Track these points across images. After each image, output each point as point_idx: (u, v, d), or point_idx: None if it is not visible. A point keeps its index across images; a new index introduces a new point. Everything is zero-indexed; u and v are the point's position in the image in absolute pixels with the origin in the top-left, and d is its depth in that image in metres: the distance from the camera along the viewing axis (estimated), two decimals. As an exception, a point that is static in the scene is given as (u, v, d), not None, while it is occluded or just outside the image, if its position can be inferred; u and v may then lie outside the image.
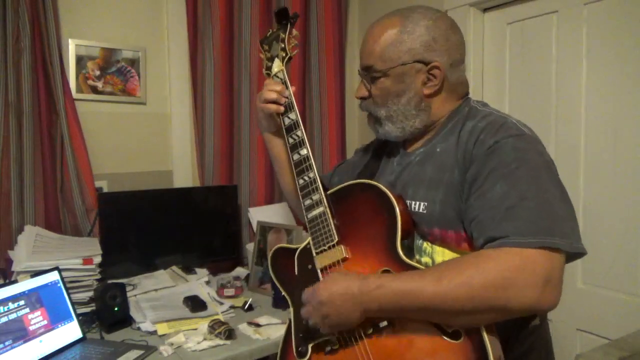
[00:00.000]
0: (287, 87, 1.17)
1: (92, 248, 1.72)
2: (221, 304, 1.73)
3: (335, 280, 0.93)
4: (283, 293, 1.13)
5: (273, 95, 1.16)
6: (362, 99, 1.09)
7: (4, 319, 1.29)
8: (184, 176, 2.19)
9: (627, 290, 1.54)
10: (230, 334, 1.46)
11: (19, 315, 1.32)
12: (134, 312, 1.60)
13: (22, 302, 1.34)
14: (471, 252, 0.90)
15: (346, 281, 0.91)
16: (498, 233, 0.83)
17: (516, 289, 0.79)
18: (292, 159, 1.12)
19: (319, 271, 1.04)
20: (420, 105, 1.03)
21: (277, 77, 1.20)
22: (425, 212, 0.97)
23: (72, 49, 1.91)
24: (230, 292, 1.81)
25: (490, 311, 0.81)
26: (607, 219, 1.58)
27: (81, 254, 1.64)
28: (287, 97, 1.16)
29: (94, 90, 1.97)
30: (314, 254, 1.05)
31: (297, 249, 1.11)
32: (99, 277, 1.67)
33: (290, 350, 1.07)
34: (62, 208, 1.87)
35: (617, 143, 1.56)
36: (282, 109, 1.16)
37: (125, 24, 2.04)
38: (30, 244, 1.64)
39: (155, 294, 1.74)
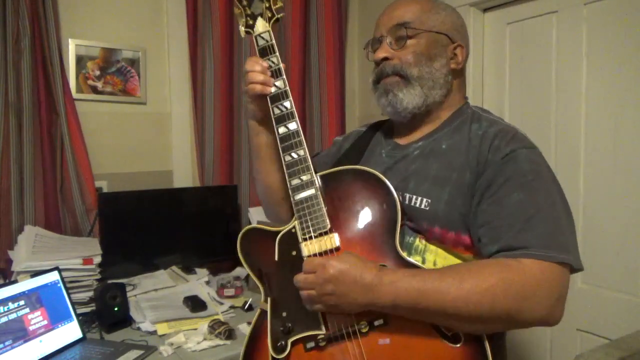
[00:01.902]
0: (274, 51, 1.03)
1: (92, 248, 1.72)
2: (221, 304, 1.73)
3: (351, 261, 0.87)
4: (254, 279, 1.03)
5: (260, 77, 1.01)
6: (384, 59, 1.01)
7: (4, 319, 1.29)
8: (184, 176, 2.19)
9: (627, 290, 1.54)
10: (230, 334, 1.46)
11: (19, 315, 1.32)
12: (134, 312, 1.60)
13: (22, 302, 1.34)
14: (478, 257, 0.89)
15: (362, 266, 0.85)
16: (517, 243, 0.82)
17: (533, 301, 0.80)
18: (278, 131, 1.00)
19: (305, 259, 0.94)
20: (447, 77, 1.01)
21: (262, 37, 1.05)
22: (427, 208, 0.93)
23: (72, 49, 1.91)
24: (230, 292, 1.81)
25: (504, 320, 0.81)
26: (607, 219, 1.58)
27: (81, 254, 1.64)
28: (274, 64, 1.02)
29: (94, 90, 1.97)
30: (300, 240, 0.96)
31: (276, 231, 1.00)
32: (99, 277, 1.67)
33: (259, 347, 0.98)
34: (62, 208, 1.87)
35: (617, 143, 1.56)
36: (268, 90, 1.02)
37: (125, 24, 2.04)
38: (30, 244, 1.64)
39: (155, 294, 1.74)
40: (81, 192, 1.86)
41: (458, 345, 0.83)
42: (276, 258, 0.99)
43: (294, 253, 0.97)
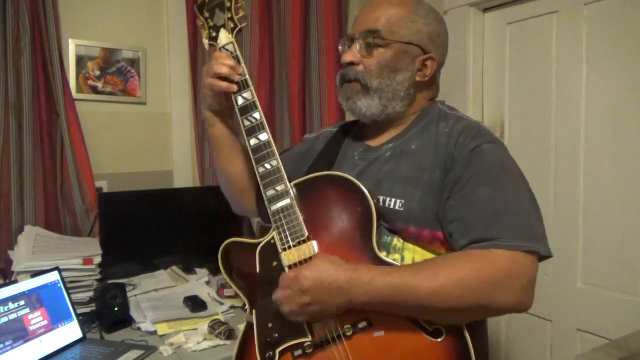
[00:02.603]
0: (239, 62, 1.04)
1: (92, 248, 1.72)
2: (221, 304, 1.73)
3: (321, 267, 0.88)
4: (238, 293, 1.04)
5: (224, 70, 1.01)
6: (350, 64, 1.02)
7: (4, 319, 1.29)
8: (184, 176, 2.19)
9: (627, 290, 1.54)
10: (230, 334, 1.46)
11: (19, 315, 1.32)
12: (134, 312, 1.60)
13: (22, 302, 1.34)
14: (451, 251, 0.92)
15: (334, 270, 0.87)
16: (486, 235, 0.85)
17: (504, 290, 0.82)
18: (249, 143, 1.01)
19: (286, 269, 0.95)
20: (409, 90, 1.02)
21: (226, 49, 1.05)
22: (402, 209, 0.95)
23: (72, 49, 1.91)
24: (230, 292, 1.81)
25: (477, 309, 0.84)
26: (607, 219, 1.58)
27: (81, 254, 1.64)
28: (240, 74, 1.03)
29: (94, 90, 1.97)
30: (280, 250, 0.96)
31: (255, 243, 1.00)
32: (99, 277, 1.67)
33: (247, 357, 0.99)
34: (62, 208, 1.87)
35: (617, 143, 1.56)
36: (234, 87, 1.03)
37: (125, 24, 2.04)
38: (30, 244, 1.64)
39: (155, 294, 1.74)
40: (81, 192, 1.86)
41: (440, 339, 0.85)
42: (257, 270, 0.99)
43: (274, 263, 0.97)
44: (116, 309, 1.54)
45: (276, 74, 2.31)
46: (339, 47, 1.09)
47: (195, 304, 1.65)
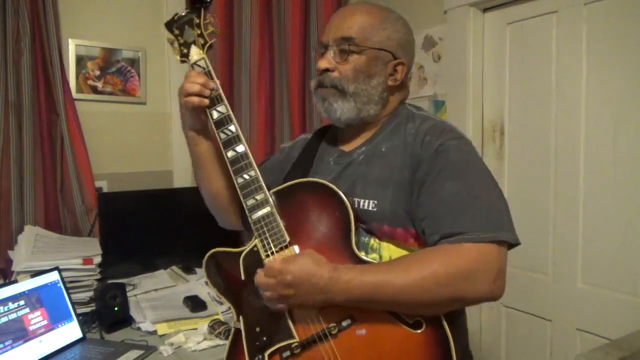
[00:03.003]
0: (212, 78, 1.08)
1: (92, 248, 1.72)
2: (221, 304, 1.72)
3: (305, 265, 0.92)
4: (224, 301, 1.07)
5: (196, 88, 1.05)
6: (326, 70, 1.06)
7: (4, 319, 1.29)
8: (184, 176, 2.19)
9: (627, 290, 1.54)
10: (230, 334, 1.46)
11: (19, 315, 1.32)
12: (134, 312, 1.60)
13: (22, 302, 1.34)
14: (425, 247, 0.95)
15: (317, 269, 0.91)
16: (455, 229, 0.89)
17: (474, 281, 0.87)
18: (227, 155, 1.04)
19: (266, 264, 0.98)
20: (382, 94, 1.07)
21: (198, 65, 1.09)
22: (375, 210, 0.99)
23: (72, 49, 1.91)
24: (230, 292, 1.81)
25: (451, 301, 0.88)
26: (607, 219, 1.58)
27: (81, 254, 1.64)
28: (212, 89, 1.06)
29: (94, 90, 1.97)
30: (263, 257, 1.00)
31: (238, 252, 1.04)
32: (99, 277, 1.67)
33: None
34: (62, 208, 1.87)
35: (617, 143, 1.56)
36: (206, 102, 1.06)
37: (125, 24, 2.04)
38: (30, 244, 1.64)
39: (155, 294, 1.74)
40: (81, 192, 1.86)
41: (420, 331, 0.90)
42: (242, 277, 1.03)
43: (259, 270, 0.99)
44: (116, 309, 1.54)
45: (276, 74, 2.31)
46: (315, 54, 1.11)
47: (195, 304, 1.65)
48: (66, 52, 1.90)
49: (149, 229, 1.93)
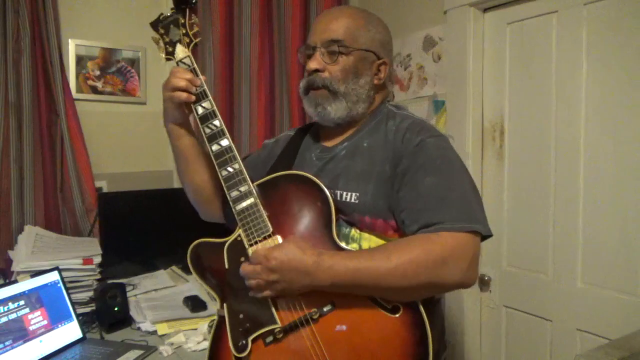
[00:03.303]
0: (197, 75, 1.13)
1: (92, 248, 1.72)
2: (221, 304, 1.72)
3: (290, 250, 0.96)
4: (207, 289, 1.10)
5: (182, 83, 1.10)
6: (316, 71, 1.10)
7: (4, 319, 1.29)
8: (184, 176, 2.18)
9: (627, 290, 1.54)
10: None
11: (19, 315, 1.32)
12: (134, 312, 1.60)
13: (22, 302, 1.34)
14: (403, 237, 1.00)
15: (301, 254, 0.95)
16: (433, 220, 0.95)
17: (450, 267, 0.92)
18: (211, 149, 1.08)
19: (251, 252, 1.02)
20: (370, 93, 1.13)
21: (184, 63, 1.14)
22: (357, 202, 1.05)
23: (72, 49, 1.91)
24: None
25: (429, 286, 0.94)
26: (607, 219, 1.58)
27: (81, 254, 1.64)
28: (198, 86, 1.11)
29: (94, 90, 1.97)
30: (247, 246, 1.04)
31: (222, 242, 1.08)
32: (99, 277, 1.67)
33: (221, 350, 1.04)
34: (62, 208, 1.87)
35: (617, 143, 1.56)
36: (193, 97, 1.11)
37: (125, 24, 2.04)
38: (30, 244, 1.64)
39: (155, 294, 1.74)
40: (81, 192, 1.86)
41: (398, 315, 0.95)
42: (226, 266, 1.06)
43: (242, 259, 1.04)
44: (116, 309, 1.54)
45: (276, 73, 2.31)
46: (300, 56, 1.18)
47: (195, 304, 1.66)
48: (66, 52, 1.90)
49: (149, 229, 1.93)
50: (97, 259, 1.66)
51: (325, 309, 0.97)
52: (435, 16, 2.04)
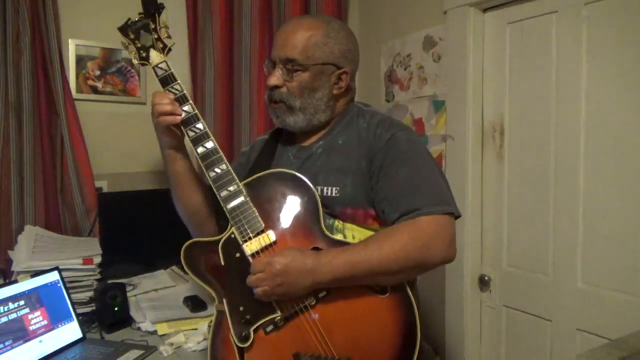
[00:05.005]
0: (175, 80, 1.14)
1: (92, 248, 1.72)
2: (221, 304, 1.72)
3: (291, 255, 1.03)
4: (204, 286, 1.13)
5: (168, 107, 1.12)
6: (275, 87, 1.17)
7: (4, 319, 1.29)
8: (184, 176, 2.18)
9: (627, 290, 1.54)
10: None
11: (19, 315, 1.32)
12: (134, 312, 1.60)
13: (22, 302, 1.34)
14: (382, 226, 1.10)
15: (301, 257, 1.02)
16: (412, 206, 1.05)
17: (434, 248, 1.03)
18: (197, 152, 1.12)
19: (249, 258, 1.08)
20: (329, 103, 1.20)
21: (160, 68, 1.15)
22: (338, 195, 1.13)
23: (72, 49, 1.91)
24: (230, 292, 1.81)
25: (417, 267, 1.04)
26: (607, 219, 1.58)
27: (81, 254, 1.64)
28: (177, 90, 1.13)
29: (94, 90, 1.97)
30: (241, 243, 1.09)
31: (216, 241, 1.11)
32: (99, 277, 1.67)
33: (223, 341, 1.08)
34: (62, 208, 1.87)
35: (618, 143, 1.56)
36: (178, 118, 1.13)
37: (125, 24, 2.04)
38: (30, 244, 1.64)
39: (155, 294, 1.74)
40: (81, 192, 1.86)
41: (386, 295, 1.05)
42: (222, 263, 1.10)
43: (237, 255, 1.10)
44: (116, 309, 1.54)
45: (276, 74, 2.31)
46: (265, 67, 1.23)
47: (195, 303, 1.66)
48: (66, 52, 1.90)
49: (149, 229, 1.93)
50: (97, 259, 1.66)
51: (320, 295, 1.05)
52: (435, 16, 2.05)
